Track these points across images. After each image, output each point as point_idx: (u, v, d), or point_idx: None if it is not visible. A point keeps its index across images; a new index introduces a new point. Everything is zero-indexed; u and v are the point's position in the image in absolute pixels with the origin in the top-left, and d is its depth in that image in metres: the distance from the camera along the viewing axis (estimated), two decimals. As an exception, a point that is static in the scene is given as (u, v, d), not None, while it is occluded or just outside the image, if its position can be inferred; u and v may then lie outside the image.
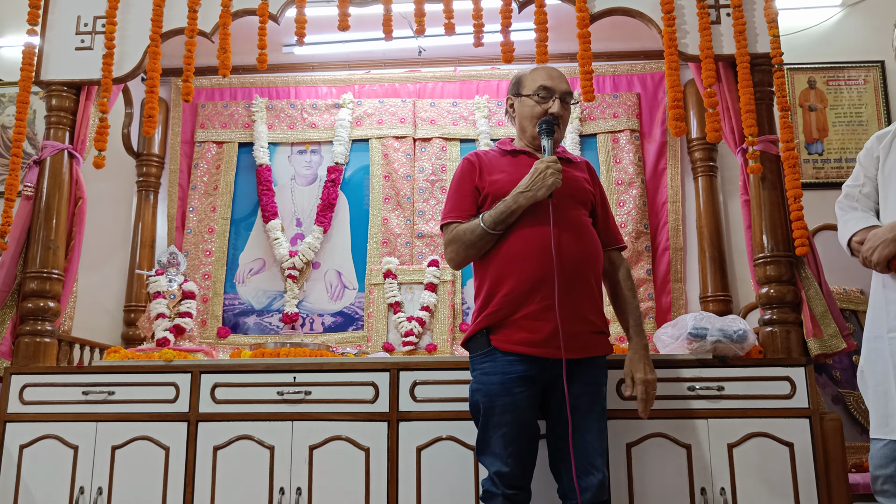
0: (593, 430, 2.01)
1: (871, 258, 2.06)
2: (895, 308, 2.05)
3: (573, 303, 2.01)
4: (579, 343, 2.01)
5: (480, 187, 2.16)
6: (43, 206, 2.88)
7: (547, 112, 2.15)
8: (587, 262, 2.07)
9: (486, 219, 2.05)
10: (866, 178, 2.22)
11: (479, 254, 2.10)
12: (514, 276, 2.02)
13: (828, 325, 2.56)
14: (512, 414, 1.98)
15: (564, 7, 2.86)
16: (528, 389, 1.99)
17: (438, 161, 3.68)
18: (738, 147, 2.76)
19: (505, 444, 1.98)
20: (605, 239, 2.22)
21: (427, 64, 3.77)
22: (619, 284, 2.23)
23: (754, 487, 2.38)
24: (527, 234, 2.04)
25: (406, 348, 3.33)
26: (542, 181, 2.01)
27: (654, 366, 2.13)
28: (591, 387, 2.04)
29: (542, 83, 2.17)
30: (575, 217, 2.10)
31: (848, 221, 2.20)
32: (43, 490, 2.54)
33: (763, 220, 2.68)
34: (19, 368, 2.68)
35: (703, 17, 2.74)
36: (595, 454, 1.99)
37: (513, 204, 2.02)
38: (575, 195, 2.14)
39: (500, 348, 2.01)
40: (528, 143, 2.23)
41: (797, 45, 3.48)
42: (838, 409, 3.05)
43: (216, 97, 3.86)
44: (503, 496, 1.97)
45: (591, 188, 2.21)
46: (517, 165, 2.15)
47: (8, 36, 3.81)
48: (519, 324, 2.00)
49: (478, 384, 2.06)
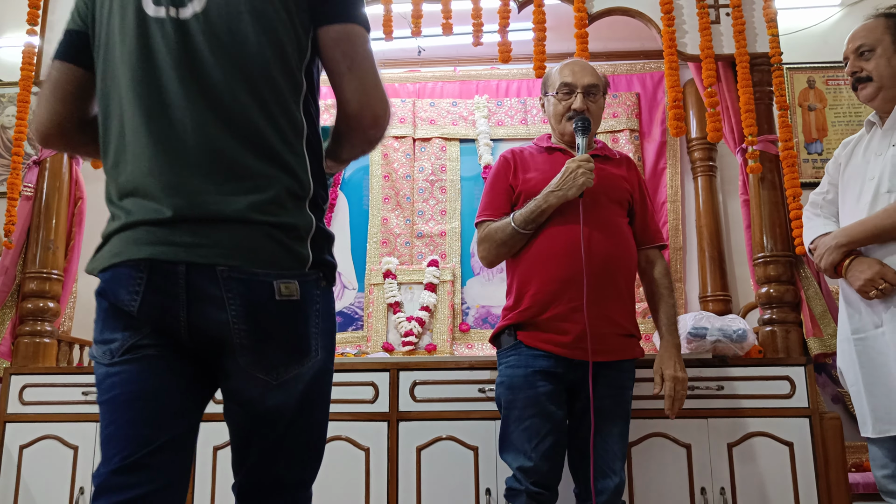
0: (614, 433, 1.98)
1: (821, 265, 2.14)
2: (854, 311, 2.10)
3: (602, 304, 1.97)
4: (606, 346, 1.98)
5: (514, 185, 2.14)
6: (42, 206, 2.89)
7: (570, 108, 2.12)
8: (618, 263, 2.03)
9: (517, 218, 2.03)
10: (830, 186, 2.27)
11: (510, 252, 2.09)
12: (543, 276, 2.00)
13: (827, 325, 2.57)
14: (535, 408, 1.95)
15: (563, 7, 2.86)
16: (553, 385, 1.96)
17: (438, 161, 3.68)
18: (738, 147, 2.76)
19: (528, 438, 1.94)
20: (643, 236, 2.17)
21: (426, 64, 3.76)
22: (656, 282, 2.18)
23: (754, 487, 2.38)
24: (556, 233, 2.02)
25: (406, 348, 3.33)
26: (572, 180, 1.98)
27: (685, 365, 2.10)
28: (615, 390, 2.01)
29: (563, 80, 2.14)
30: (608, 216, 2.07)
31: (808, 229, 2.26)
32: (43, 490, 2.54)
33: (762, 220, 2.68)
34: (19, 369, 2.68)
35: (702, 17, 2.74)
36: (614, 458, 1.97)
37: (543, 203, 2.00)
38: (609, 193, 2.10)
39: (527, 343, 2.00)
40: (560, 140, 2.20)
41: (796, 44, 3.48)
42: (838, 408, 3.06)
43: (216, 97, 3.85)
44: (527, 493, 1.92)
45: (629, 185, 2.16)
46: (552, 163, 2.12)
47: (7, 36, 3.80)
48: (546, 325, 1.98)
49: (502, 377, 2.04)
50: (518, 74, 3.76)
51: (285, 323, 1.19)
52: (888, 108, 2.10)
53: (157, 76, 1.19)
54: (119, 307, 1.18)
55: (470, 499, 2.42)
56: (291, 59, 1.23)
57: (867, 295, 2.00)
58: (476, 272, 3.59)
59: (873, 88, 2.11)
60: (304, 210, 1.22)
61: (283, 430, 1.25)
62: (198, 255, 1.14)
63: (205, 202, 1.15)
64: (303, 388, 1.24)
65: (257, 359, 1.19)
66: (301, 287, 1.19)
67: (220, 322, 1.15)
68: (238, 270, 1.14)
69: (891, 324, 1.97)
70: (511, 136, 3.70)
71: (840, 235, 2.08)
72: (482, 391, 2.49)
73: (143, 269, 1.15)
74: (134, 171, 1.18)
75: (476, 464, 2.44)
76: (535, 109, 3.72)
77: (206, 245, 1.14)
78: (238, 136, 1.18)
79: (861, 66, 2.12)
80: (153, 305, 1.16)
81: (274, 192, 1.18)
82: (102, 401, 1.20)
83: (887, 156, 2.04)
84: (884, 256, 2.00)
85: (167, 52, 1.19)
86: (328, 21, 1.25)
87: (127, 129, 1.20)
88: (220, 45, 1.19)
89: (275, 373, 1.21)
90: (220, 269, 1.14)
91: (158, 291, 1.15)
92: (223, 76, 1.18)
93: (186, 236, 1.14)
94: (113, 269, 1.18)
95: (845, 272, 2.07)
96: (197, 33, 1.19)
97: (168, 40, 1.19)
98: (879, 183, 2.03)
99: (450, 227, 3.60)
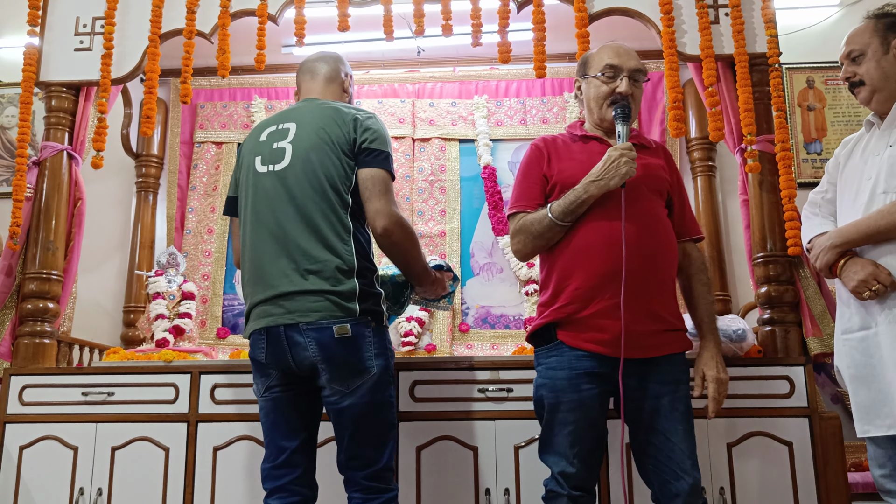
0: (679, 430, 1.89)
1: (816, 265, 2.14)
2: (846, 310, 2.11)
3: (645, 299, 1.90)
4: (652, 341, 1.90)
5: (549, 175, 2.04)
6: (42, 207, 2.88)
7: (614, 91, 2.02)
8: (661, 256, 1.95)
9: (555, 209, 1.94)
10: (829, 185, 2.27)
11: (547, 245, 1.99)
12: (583, 271, 1.91)
13: (826, 325, 2.57)
14: (579, 412, 1.89)
15: (563, 7, 2.86)
16: (597, 387, 1.89)
17: (437, 161, 3.69)
18: (737, 147, 2.76)
19: (571, 443, 1.89)
20: (680, 229, 2.09)
21: (426, 64, 3.77)
22: (693, 278, 2.10)
23: (753, 487, 2.38)
24: (597, 226, 1.93)
25: (405, 348, 3.33)
26: (615, 170, 1.89)
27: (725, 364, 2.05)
28: (670, 385, 1.92)
29: (609, 61, 2.04)
30: (649, 208, 1.98)
31: (806, 228, 2.26)
32: (43, 491, 2.54)
33: (762, 220, 2.68)
34: (19, 369, 2.68)
35: (702, 17, 2.74)
36: (683, 457, 1.87)
37: (583, 194, 1.91)
38: (650, 184, 2.01)
39: (568, 343, 1.92)
40: (597, 126, 2.10)
41: (796, 44, 3.49)
42: (837, 408, 3.06)
43: (215, 98, 3.86)
44: (568, 497, 1.87)
45: (668, 175, 2.09)
46: (588, 153, 2.03)
47: (7, 37, 3.81)
48: (588, 322, 1.90)
49: (543, 378, 1.96)
50: (517, 75, 3.76)
51: (345, 352, 1.88)
52: (885, 109, 2.11)
53: (269, 207, 1.98)
54: (255, 359, 2.00)
55: (469, 499, 2.42)
56: (341, 187, 1.97)
57: (861, 296, 2.00)
58: (476, 272, 3.59)
59: (867, 92, 2.12)
60: (352, 280, 1.91)
61: (358, 423, 1.91)
62: (287, 318, 1.90)
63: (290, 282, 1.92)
64: (366, 394, 1.90)
65: (333, 376, 1.89)
66: (353, 328, 1.88)
67: (309, 357, 1.89)
68: (311, 324, 1.88)
69: (884, 325, 1.98)
70: (510, 137, 3.71)
71: (835, 236, 2.09)
72: (482, 391, 2.49)
73: (262, 333, 1.95)
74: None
75: (476, 464, 2.44)
76: (535, 109, 3.72)
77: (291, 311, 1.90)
78: (310, 233, 1.92)
79: (854, 71, 2.14)
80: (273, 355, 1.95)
81: (329, 271, 1.90)
82: (261, 424, 2.02)
83: (884, 156, 2.05)
84: (878, 257, 2.01)
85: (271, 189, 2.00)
86: (363, 166, 1.99)
87: (247, 243, 2.03)
88: (298, 183, 1.96)
89: (345, 384, 1.90)
90: (301, 325, 1.88)
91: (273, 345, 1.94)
92: (302, 200, 1.94)
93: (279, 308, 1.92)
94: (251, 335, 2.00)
95: (840, 273, 2.07)
96: (287, 178, 1.98)
97: (271, 182, 2.01)
98: (876, 183, 2.04)
99: (449, 227, 3.60)
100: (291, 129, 2.03)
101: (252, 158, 2.06)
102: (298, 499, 1.95)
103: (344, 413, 1.91)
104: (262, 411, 2.01)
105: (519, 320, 3.50)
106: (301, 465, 1.96)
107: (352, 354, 1.88)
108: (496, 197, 3.59)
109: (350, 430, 1.91)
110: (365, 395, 1.90)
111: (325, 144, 1.98)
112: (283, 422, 1.97)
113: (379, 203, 1.95)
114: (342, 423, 1.92)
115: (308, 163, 1.97)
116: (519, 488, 2.42)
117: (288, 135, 2.03)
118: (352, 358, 1.88)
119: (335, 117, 2.02)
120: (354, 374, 1.89)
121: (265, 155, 2.04)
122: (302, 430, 1.98)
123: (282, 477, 1.94)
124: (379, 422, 1.94)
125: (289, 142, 2.01)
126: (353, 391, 1.89)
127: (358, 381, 1.90)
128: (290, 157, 1.99)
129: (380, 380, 1.93)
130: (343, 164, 1.97)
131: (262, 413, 2.01)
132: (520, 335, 3.46)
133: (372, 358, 1.91)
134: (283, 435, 1.96)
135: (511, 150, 3.71)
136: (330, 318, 1.87)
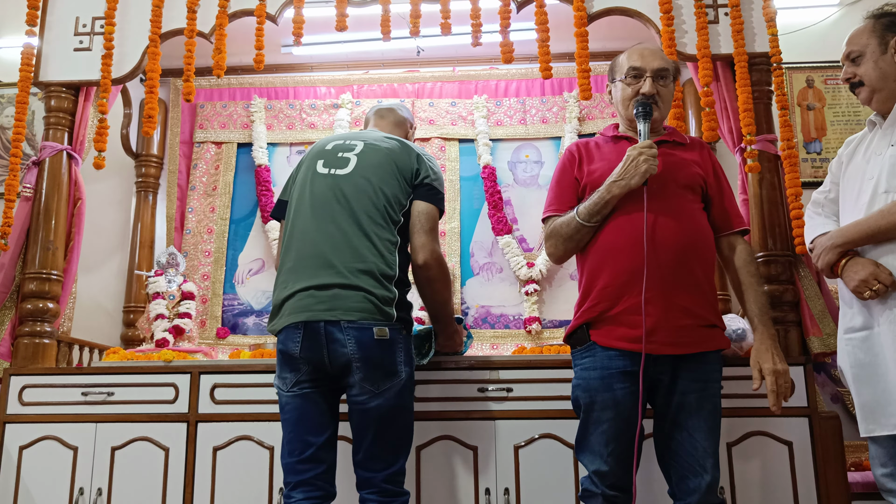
0: (703, 428, 1.90)
1: (818, 265, 2.15)
2: (849, 310, 2.11)
3: (675, 295, 1.90)
4: (685, 337, 1.90)
5: (579, 178, 2.09)
6: (42, 207, 2.88)
7: (638, 93, 2.05)
8: (691, 250, 1.94)
9: (581, 211, 1.99)
10: (832, 184, 2.27)
11: (578, 247, 2.04)
12: (610, 269, 1.95)
13: (826, 324, 2.57)
14: (613, 410, 1.90)
15: (562, 7, 2.86)
16: (631, 385, 1.89)
17: (437, 161, 3.68)
18: (737, 146, 2.76)
19: (605, 441, 1.90)
20: (721, 223, 2.09)
21: (426, 64, 3.77)
22: (741, 270, 2.08)
23: (753, 486, 2.38)
24: (622, 224, 1.96)
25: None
26: (634, 168, 1.92)
27: (783, 356, 2.03)
28: (699, 384, 1.92)
29: (632, 64, 2.08)
30: (678, 203, 1.99)
31: (809, 228, 2.27)
32: (42, 491, 2.54)
33: (762, 220, 2.68)
34: (18, 369, 2.68)
35: (700, 17, 2.74)
36: (705, 455, 1.88)
37: (606, 194, 1.94)
38: (679, 179, 2.02)
39: (600, 343, 1.94)
40: (628, 128, 2.14)
41: (795, 44, 3.49)
42: (837, 407, 3.06)
43: (215, 98, 3.86)
44: (603, 496, 1.90)
45: (701, 170, 2.08)
46: (618, 153, 2.04)
47: (6, 37, 3.81)
48: (618, 319, 1.92)
49: (578, 379, 1.99)
50: (517, 74, 3.76)
51: (381, 353, 1.94)
52: (886, 109, 2.11)
53: (326, 203, 2.06)
54: (288, 353, 2.01)
55: (469, 499, 2.42)
56: (395, 205, 2.07)
57: (861, 296, 2.00)
58: (475, 272, 3.59)
59: (867, 92, 2.13)
60: (393, 287, 1.99)
61: (382, 424, 1.96)
62: (329, 315, 1.95)
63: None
64: (394, 397, 1.97)
65: (366, 376, 1.94)
66: (390, 332, 1.96)
67: (346, 354, 1.94)
68: (352, 323, 1.93)
69: (885, 324, 1.98)
70: (510, 136, 3.71)
71: (836, 236, 2.09)
72: (482, 391, 2.49)
73: (299, 327, 1.98)
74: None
75: (476, 464, 2.44)
76: (535, 109, 3.72)
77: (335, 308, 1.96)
78: (362, 236, 2.00)
79: (854, 72, 2.15)
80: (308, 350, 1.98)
81: (376, 273, 1.97)
82: (284, 419, 2.02)
83: (886, 155, 2.05)
84: (879, 257, 2.01)
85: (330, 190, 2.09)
86: (420, 198, 2.12)
87: (296, 234, 2.08)
88: (356, 190, 2.06)
89: (376, 385, 1.95)
90: (343, 322, 1.94)
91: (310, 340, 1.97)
92: (357, 206, 2.03)
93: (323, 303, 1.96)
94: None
95: (841, 272, 2.07)
96: (346, 184, 2.08)
97: (331, 183, 2.10)
98: (878, 183, 2.04)
99: (449, 227, 3.60)
100: (359, 145, 2.16)
101: (314, 162, 2.16)
102: (321, 493, 1.97)
103: (370, 413, 1.95)
104: (288, 406, 2.01)
105: (519, 320, 3.50)
106: (326, 462, 1.99)
107: (386, 357, 1.95)
108: (496, 197, 3.59)
109: (374, 430, 1.96)
110: (392, 397, 1.96)
111: (389, 165, 2.10)
112: (311, 417, 1.99)
113: (425, 238, 2.08)
114: (366, 423, 1.96)
115: (370, 175, 2.08)
116: (519, 488, 2.42)
117: (354, 149, 2.15)
118: (386, 360, 1.95)
119: (401, 147, 2.17)
120: (386, 376, 1.95)
121: (328, 160, 2.14)
122: (328, 427, 2.02)
123: (307, 471, 1.96)
124: (401, 425, 2.01)
125: (355, 154, 2.13)
126: (382, 392, 1.95)
127: (388, 384, 1.95)
128: (353, 166, 2.10)
129: (406, 385, 2.00)
130: (401, 187, 2.10)
131: (289, 407, 2.01)
132: (520, 335, 3.46)
133: (402, 363, 1.99)
134: (309, 430, 1.98)
135: (511, 150, 3.71)
136: (370, 319, 1.93)
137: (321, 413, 2.01)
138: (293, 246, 2.05)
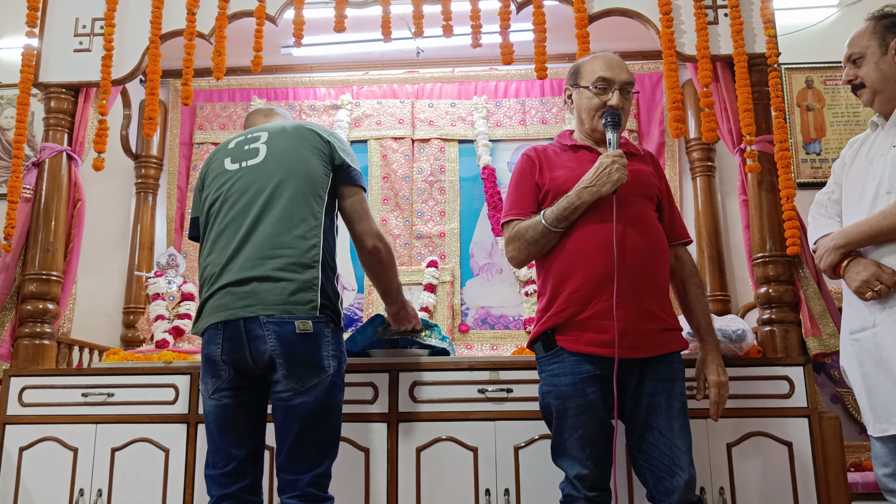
0: (674, 427, 1.92)
1: (820, 266, 2.16)
2: (854, 311, 2.11)
3: (641, 300, 1.94)
4: (651, 341, 1.94)
5: (541, 184, 2.09)
6: (41, 208, 2.88)
7: (605, 104, 2.06)
8: (654, 257, 1.99)
9: (548, 215, 1.98)
10: (835, 186, 2.27)
11: (541, 251, 2.03)
12: (579, 275, 1.95)
13: (826, 325, 2.57)
14: (587, 415, 1.91)
15: (562, 7, 2.87)
16: (601, 388, 1.92)
17: (437, 162, 3.69)
18: (737, 147, 2.76)
19: (582, 445, 1.92)
20: (671, 233, 2.13)
21: (425, 65, 3.77)
22: (687, 281, 2.14)
23: (753, 487, 2.38)
24: (590, 230, 1.97)
25: (405, 349, 3.33)
26: (607, 176, 1.93)
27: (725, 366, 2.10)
28: (667, 383, 1.95)
29: (601, 74, 2.07)
30: (640, 212, 2.03)
31: (812, 229, 2.27)
32: (42, 492, 2.54)
33: (761, 220, 2.69)
34: (18, 371, 2.68)
35: (700, 18, 2.74)
36: (679, 453, 1.90)
37: (576, 200, 1.95)
38: (640, 189, 2.05)
39: (568, 348, 1.95)
40: (588, 136, 2.14)
41: (795, 44, 3.49)
42: (837, 408, 3.06)
43: (214, 98, 3.86)
44: (585, 499, 1.91)
45: (657, 181, 2.13)
46: (579, 161, 2.08)
47: (6, 38, 3.81)
48: (585, 324, 1.93)
49: (548, 386, 1.99)
50: (516, 75, 3.76)
51: (304, 348, 1.87)
52: (888, 110, 2.12)
53: (239, 198, 2.00)
54: (209, 357, 1.95)
55: (469, 499, 2.42)
56: (319, 184, 2.02)
57: (863, 296, 2.01)
58: (475, 273, 3.59)
59: (868, 94, 2.14)
60: (314, 270, 1.92)
61: (307, 422, 1.87)
62: (248, 311, 1.88)
63: None
64: (320, 393, 1.88)
65: (290, 372, 1.86)
66: (314, 325, 1.88)
67: (267, 350, 1.87)
68: (272, 318, 1.86)
69: (886, 324, 1.98)
70: (510, 137, 3.71)
71: (838, 237, 2.10)
72: (482, 391, 2.49)
73: (219, 328, 1.92)
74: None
75: (476, 464, 2.44)
76: (534, 110, 3.72)
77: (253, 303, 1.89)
78: (277, 222, 1.94)
79: (855, 74, 2.16)
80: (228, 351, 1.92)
81: (292, 258, 1.91)
82: (207, 428, 1.96)
83: (888, 156, 2.05)
84: (881, 257, 2.01)
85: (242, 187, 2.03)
86: (345, 183, 2.09)
87: (214, 232, 2.02)
88: (272, 175, 2.00)
89: (301, 382, 1.87)
90: (262, 318, 1.87)
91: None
92: (274, 191, 1.97)
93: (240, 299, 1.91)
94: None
95: (843, 273, 2.08)
96: (260, 173, 2.02)
97: (241, 177, 2.04)
98: (880, 183, 2.04)
99: (449, 227, 3.61)
100: (263, 135, 2.10)
101: (221, 162, 2.10)
102: None
103: (295, 410, 1.87)
104: (211, 414, 1.95)
105: (519, 321, 3.50)
106: (251, 474, 1.94)
107: (311, 351, 1.88)
108: (496, 197, 3.60)
109: (298, 428, 1.87)
110: (320, 394, 1.89)
111: (301, 146, 2.05)
112: (234, 429, 1.93)
113: (367, 223, 2.07)
114: (290, 422, 1.88)
115: (284, 159, 2.02)
116: (519, 489, 2.42)
117: (260, 139, 2.09)
118: (311, 355, 1.88)
119: (306, 127, 2.12)
120: (311, 371, 1.88)
121: (236, 155, 2.09)
122: (252, 438, 1.95)
123: (231, 485, 1.91)
124: (327, 425, 1.93)
125: (263, 143, 2.07)
126: (308, 390, 1.88)
127: (314, 380, 1.88)
128: (264, 154, 2.04)
129: (333, 381, 1.93)
130: (321, 163, 2.05)
131: (210, 416, 1.95)
132: (520, 335, 3.46)
133: (329, 358, 1.91)
134: (232, 442, 1.92)
135: (510, 151, 3.71)
136: (290, 312, 1.86)
137: (244, 424, 1.94)
138: (214, 248, 1.99)
